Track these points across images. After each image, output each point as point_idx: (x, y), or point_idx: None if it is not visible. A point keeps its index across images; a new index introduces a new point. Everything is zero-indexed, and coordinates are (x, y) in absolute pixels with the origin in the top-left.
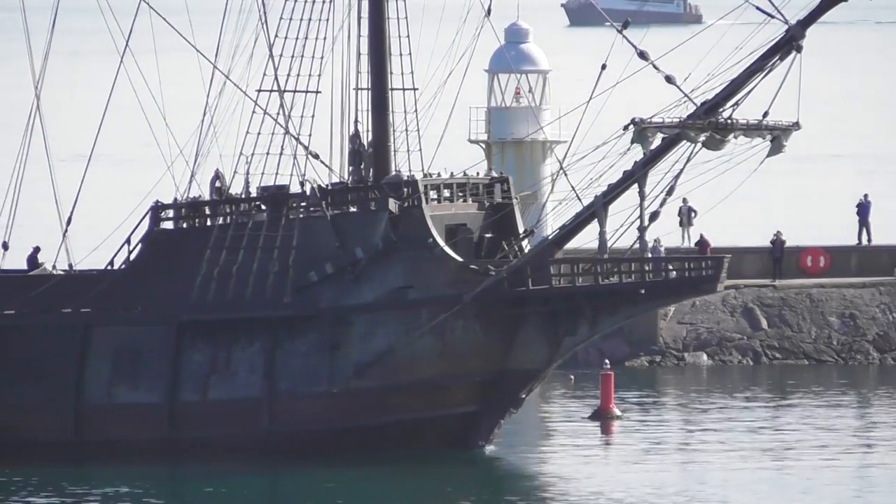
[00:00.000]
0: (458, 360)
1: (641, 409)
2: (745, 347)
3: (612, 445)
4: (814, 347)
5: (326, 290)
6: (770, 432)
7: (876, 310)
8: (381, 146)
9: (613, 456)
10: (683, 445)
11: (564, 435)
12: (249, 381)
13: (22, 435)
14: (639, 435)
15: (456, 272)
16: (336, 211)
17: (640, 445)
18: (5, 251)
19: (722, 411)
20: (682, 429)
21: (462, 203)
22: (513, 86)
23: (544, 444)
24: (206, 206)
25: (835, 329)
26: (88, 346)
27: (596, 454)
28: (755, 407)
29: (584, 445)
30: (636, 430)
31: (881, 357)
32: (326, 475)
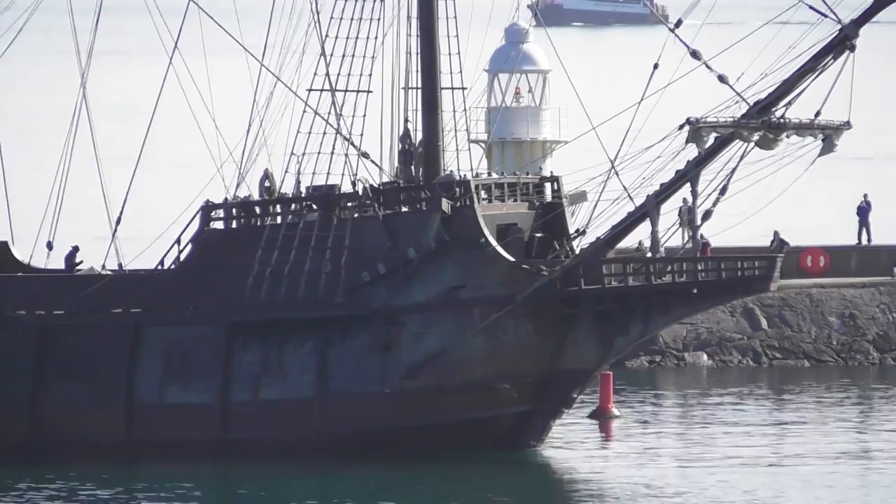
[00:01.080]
0: (509, 361)
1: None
2: (745, 347)
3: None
4: (814, 347)
5: (379, 290)
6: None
7: (876, 310)
8: (430, 146)
9: (661, 456)
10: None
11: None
12: (301, 382)
13: (73, 435)
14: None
15: (508, 272)
16: (388, 211)
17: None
18: (50, 251)
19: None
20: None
21: (512, 203)
22: (513, 86)
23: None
24: (257, 206)
25: (835, 329)
26: (139, 346)
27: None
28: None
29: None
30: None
31: (881, 357)
32: (377, 476)
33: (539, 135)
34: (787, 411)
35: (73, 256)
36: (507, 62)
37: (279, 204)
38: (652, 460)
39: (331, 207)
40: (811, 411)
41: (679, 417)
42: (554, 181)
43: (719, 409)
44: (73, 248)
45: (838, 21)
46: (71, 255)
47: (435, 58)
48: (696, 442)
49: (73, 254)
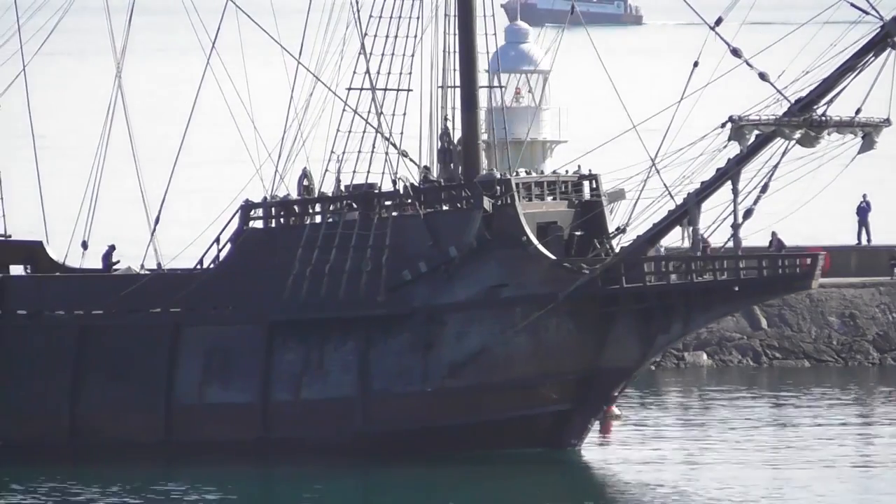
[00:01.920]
0: (551, 359)
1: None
2: (745, 347)
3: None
4: (814, 347)
5: (420, 288)
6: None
7: (876, 310)
8: (470, 144)
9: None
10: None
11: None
12: (343, 381)
13: (112, 435)
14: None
15: (549, 270)
16: (429, 210)
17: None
18: (84, 250)
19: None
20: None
21: (552, 201)
22: (513, 86)
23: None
24: (297, 205)
25: (835, 329)
26: (179, 346)
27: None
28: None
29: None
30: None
31: (881, 357)
32: (418, 475)
33: (539, 135)
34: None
35: (109, 256)
36: (512, 59)
37: (319, 203)
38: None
39: (370, 206)
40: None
41: (722, 419)
42: (592, 179)
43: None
44: (110, 247)
45: (880, 18)
46: (108, 254)
47: (474, 56)
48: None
49: (110, 253)
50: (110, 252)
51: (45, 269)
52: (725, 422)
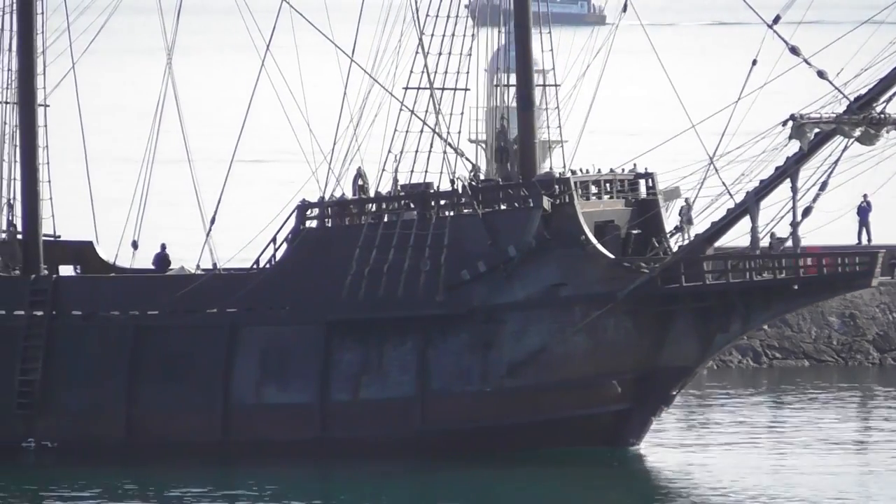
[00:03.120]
0: (610, 358)
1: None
2: (745, 347)
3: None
4: (814, 347)
5: (479, 288)
6: None
7: (876, 310)
8: (526, 143)
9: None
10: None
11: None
12: (401, 381)
13: (169, 435)
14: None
15: (608, 269)
16: (487, 209)
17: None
18: (135, 250)
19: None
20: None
21: (609, 200)
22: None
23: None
24: (354, 204)
25: (835, 329)
26: (236, 346)
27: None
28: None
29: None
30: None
31: (881, 357)
32: (477, 475)
33: (539, 135)
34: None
35: (163, 256)
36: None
37: (376, 202)
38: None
39: (427, 206)
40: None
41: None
42: (648, 178)
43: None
44: (162, 246)
45: None
46: (161, 255)
47: (530, 55)
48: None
49: (164, 254)
50: (163, 252)
51: (95, 269)
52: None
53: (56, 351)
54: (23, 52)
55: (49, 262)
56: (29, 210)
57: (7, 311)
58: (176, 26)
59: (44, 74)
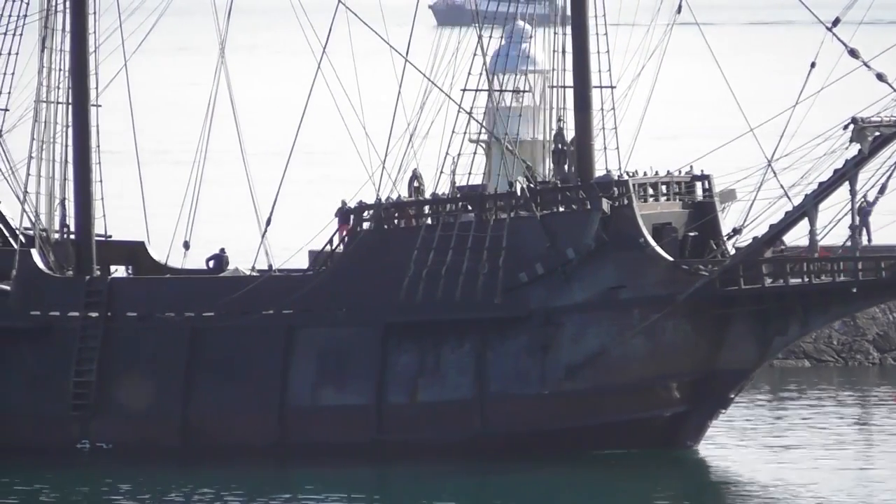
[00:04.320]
0: (668, 361)
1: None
2: None
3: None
4: (814, 347)
5: (537, 290)
6: None
7: (876, 310)
8: (583, 145)
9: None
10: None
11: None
12: (459, 383)
13: (225, 437)
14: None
15: (667, 272)
16: (545, 211)
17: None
18: (186, 251)
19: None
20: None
21: (666, 202)
22: (512, 86)
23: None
24: (411, 206)
25: (835, 329)
26: (292, 348)
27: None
28: None
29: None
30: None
31: (881, 357)
32: (535, 478)
33: (540, 134)
34: None
35: (220, 258)
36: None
37: (433, 204)
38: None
39: (484, 208)
40: None
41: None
42: (705, 180)
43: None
44: (221, 250)
45: None
46: (218, 256)
47: (587, 56)
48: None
49: (221, 255)
50: (221, 254)
51: (146, 270)
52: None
53: (111, 352)
54: (76, 52)
55: (101, 263)
56: (82, 210)
57: (61, 312)
58: (227, 25)
59: (96, 74)
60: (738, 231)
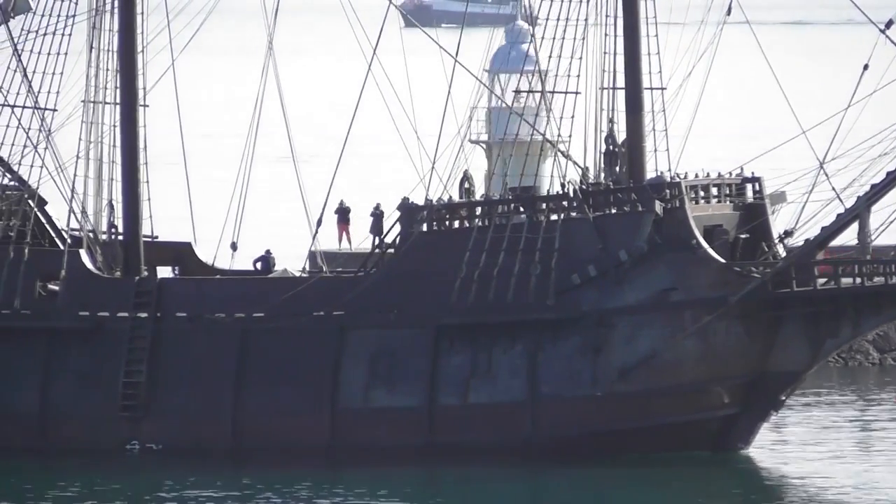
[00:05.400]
0: (720, 363)
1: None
2: None
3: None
4: None
5: (589, 292)
6: None
7: None
8: (635, 147)
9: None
10: None
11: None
12: (511, 385)
13: (276, 438)
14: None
15: (719, 274)
16: (598, 213)
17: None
18: (234, 252)
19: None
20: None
21: (717, 204)
22: (513, 86)
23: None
24: (462, 208)
25: None
26: (344, 349)
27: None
28: None
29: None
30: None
31: (881, 357)
32: (587, 479)
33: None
34: None
35: (267, 259)
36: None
37: (485, 206)
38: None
39: (536, 209)
40: None
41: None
42: (755, 182)
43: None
44: (267, 252)
45: None
46: (265, 258)
47: (638, 58)
48: None
49: (267, 257)
50: (268, 256)
51: (193, 271)
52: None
53: (161, 353)
54: (124, 52)
55: (148, 264)
56: (130, 211)
57: (111, 312)
58: (274, 25)
59: (143, 75)
60: (790, 233)
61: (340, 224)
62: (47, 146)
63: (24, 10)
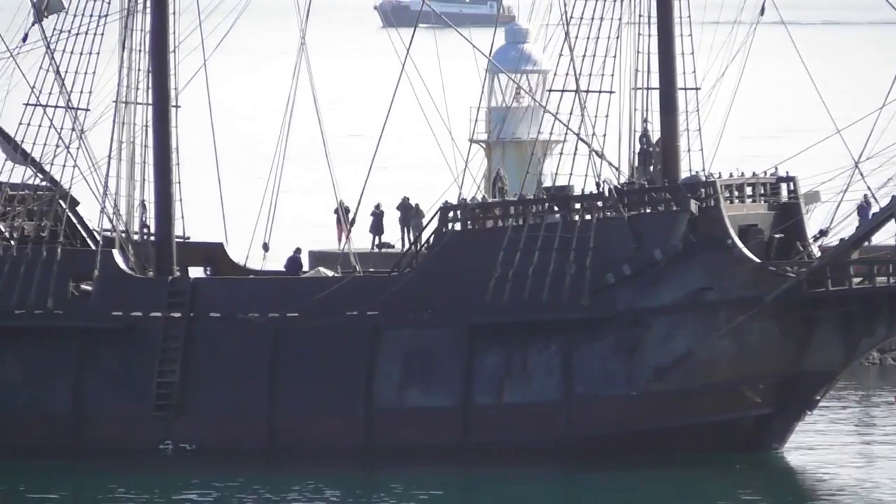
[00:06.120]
0: (755, 362)
1: None
2: None
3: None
4: None
5: (624, 291)
6: None
7: None
8: (669, 146)
9: None
10: None
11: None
12: (546, 385)
13: (310, 438)
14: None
15: (754, 273)
16: (632, 212)
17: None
18: (266, 252)
19: None
20: None
21: (752, 203)
22: (513, 85)
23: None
24: (497, 207)
25: None
26: (378, 349)
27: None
28: None
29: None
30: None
31: (881, 357)
32: (621, 479)
33: (539, 134)
34: None
35: (297, 259)
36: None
37: (519, 205)
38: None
39: (571, 209)
40: None
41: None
42: (790, 181)
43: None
44: (297, 250)
45: None
46: (295, 257)
47: (673, 58)
48: None
49: (297, 256)
50: (297, 255)
51: (225, 272)
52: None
53: (194, 353)
54: (156, 52)
55: (179, 264)
56: (162, 211)
57: (144, 312)
58: (306, 26)
59: (175, 75)
60: (825, 233)
61: (340, 224)
62: (80, 146)
63: (57, 10)
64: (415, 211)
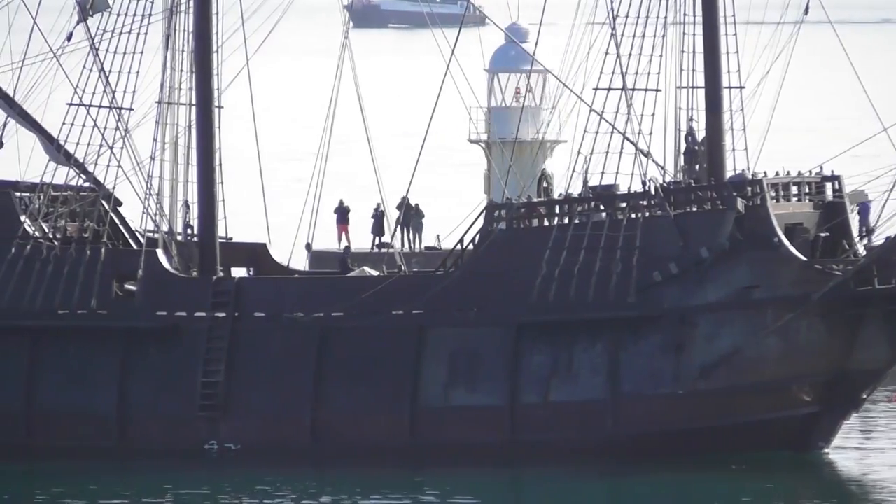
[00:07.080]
0: (802, 361)
1: None
2: None
3: None
4: None
5: (670, 290)
6: None
7: None
8: (714, 145)
9: None
10: None
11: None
12: (592, 383)
13: (355, 438)
14: None
15: (801, 272)
16: (678, 210)
17: None
18: (309, 252)
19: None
20: None
21: (797, 202)
22: (513, 85)
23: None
24: (542, 206)
25: None
26: (423, 348)
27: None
28: None
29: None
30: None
31: None
32: (667, 478)
33: (539, 134)
34: None
35: (342, 260)
36: (512, 59)
37: (565, 204)
38: None
39: (616, 207)
40: None
41: None
42: (835, 180)
43: None
44: (345, 250)
45: None
46: (343, 258)
47: (718, 57)
48: None
49: (346, 257)
50: (346, 255)
51: (268, 272)
52: None
53: (239, 353)
54: (200, 52)
55: (223, 264)
56: (206, 211)
57: (188, 312)
58: (348, 26)
59: (218, 75)
60: (871, 231)
61: (340, 224)
62: (124, 145)
63: (102, 9)
64: (415, 211)
